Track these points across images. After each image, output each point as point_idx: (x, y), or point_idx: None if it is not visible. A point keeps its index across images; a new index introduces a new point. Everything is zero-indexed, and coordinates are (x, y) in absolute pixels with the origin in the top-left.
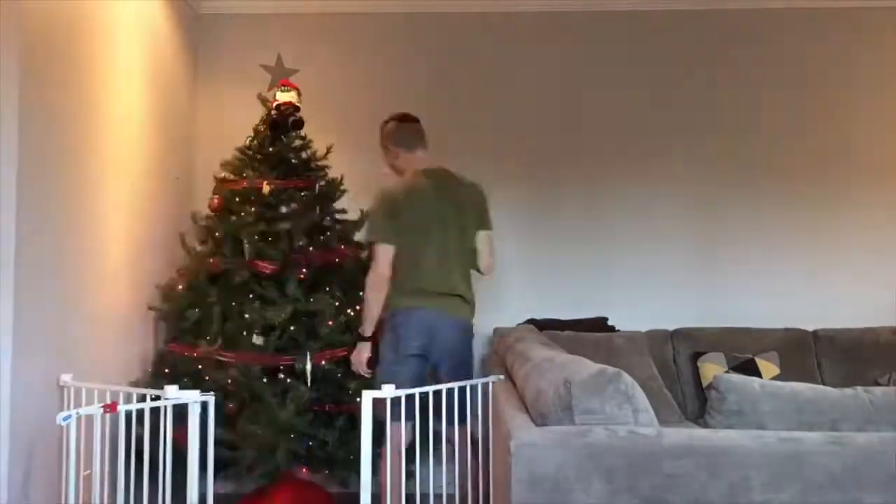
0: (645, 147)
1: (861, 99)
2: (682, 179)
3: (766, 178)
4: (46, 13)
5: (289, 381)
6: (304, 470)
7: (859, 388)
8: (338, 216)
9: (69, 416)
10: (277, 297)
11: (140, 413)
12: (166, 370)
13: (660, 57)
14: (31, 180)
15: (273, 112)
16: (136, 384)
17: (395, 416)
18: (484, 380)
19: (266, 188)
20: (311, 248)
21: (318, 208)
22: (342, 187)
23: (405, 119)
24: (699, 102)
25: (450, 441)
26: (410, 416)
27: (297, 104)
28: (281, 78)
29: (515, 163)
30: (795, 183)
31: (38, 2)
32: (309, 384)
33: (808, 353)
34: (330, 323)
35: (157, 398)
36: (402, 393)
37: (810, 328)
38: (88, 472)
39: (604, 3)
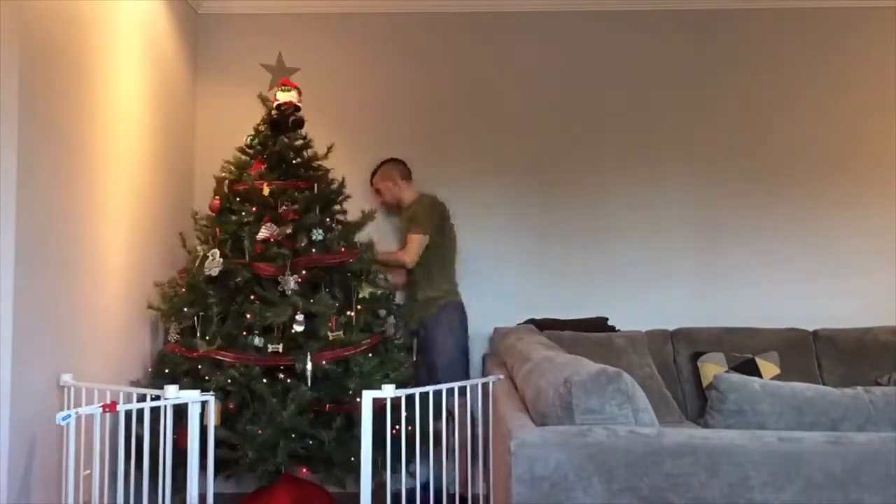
0: (645, 147)
1: (861, 101)
2: (682, 179)
3: (767, 179)
4: (46, 13)
5: (289, 381)
6: (303, 470)
7: (859, 388)
8: (338, 217)
9: (69, 416)
10: (278, 298)
11: (140, 413)
12: (166, 370)
13: (660, 57)
14: (31, 181)
15: (273, 112)
16: (136, 384)
17: None
18: (484, 380)
19: (266, 188)
20: (311, 249)
21: (318, 208)
22: (344, 190)
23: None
24: (700, 103)
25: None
26: None
27: (298, 104)
28: (281, 77)
29: (515, 162)
30: (796, 183)
31: (38, 2)
32: (309, 384)
33: (808, 353)
34: (331, 324)
35: (157, 398)
36: (403, 393)
37: (810, 328)
38: (88, 472)
39: (604, 4)
